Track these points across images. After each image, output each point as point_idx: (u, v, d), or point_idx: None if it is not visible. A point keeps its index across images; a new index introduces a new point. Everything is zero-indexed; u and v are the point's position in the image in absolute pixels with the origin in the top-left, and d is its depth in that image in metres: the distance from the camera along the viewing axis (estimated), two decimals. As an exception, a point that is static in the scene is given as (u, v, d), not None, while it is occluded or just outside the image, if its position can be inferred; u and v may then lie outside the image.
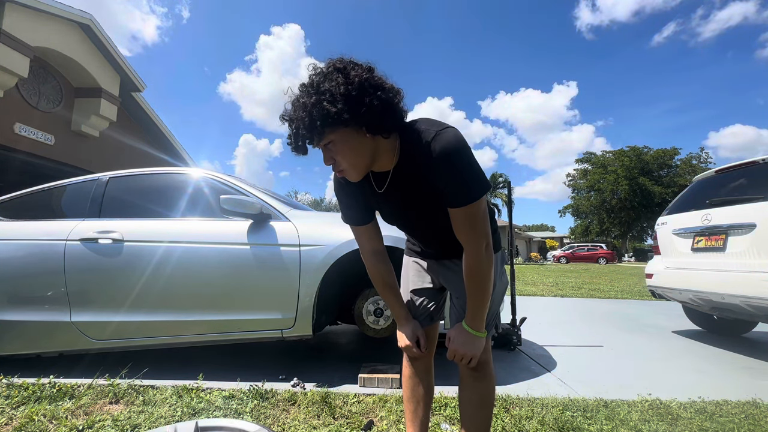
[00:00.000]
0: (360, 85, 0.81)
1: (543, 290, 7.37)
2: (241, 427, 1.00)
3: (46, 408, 1.66)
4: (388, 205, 1.06)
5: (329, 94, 0.80)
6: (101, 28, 8.61)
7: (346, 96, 0.80)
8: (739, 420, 1.71)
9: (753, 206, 2.70)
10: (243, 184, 2.46)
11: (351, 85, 0.80)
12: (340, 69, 0.82)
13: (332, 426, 1.57)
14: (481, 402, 1.10)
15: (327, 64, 0.85)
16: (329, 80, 0.81)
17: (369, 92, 0.81)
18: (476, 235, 0.94)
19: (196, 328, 2.17)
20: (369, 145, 0.89)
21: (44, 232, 2.30)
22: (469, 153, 0.88)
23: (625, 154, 34.59)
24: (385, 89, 0.84)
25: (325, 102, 0.79)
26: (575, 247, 30.56)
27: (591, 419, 1.68)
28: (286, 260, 2.12)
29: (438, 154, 0.86)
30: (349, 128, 0.84)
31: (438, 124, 0.91)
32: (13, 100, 7.53)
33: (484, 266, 0.96)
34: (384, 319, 2.32)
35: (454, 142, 0.87)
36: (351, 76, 0.81)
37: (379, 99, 0.82)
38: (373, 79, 0.83)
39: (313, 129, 0.83)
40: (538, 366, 2.53)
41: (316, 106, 0.80)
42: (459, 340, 1.03)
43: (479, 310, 1.00)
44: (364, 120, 0.82)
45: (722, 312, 3.00)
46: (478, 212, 0.92)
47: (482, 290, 0.98)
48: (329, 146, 0.88)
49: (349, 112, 0.80)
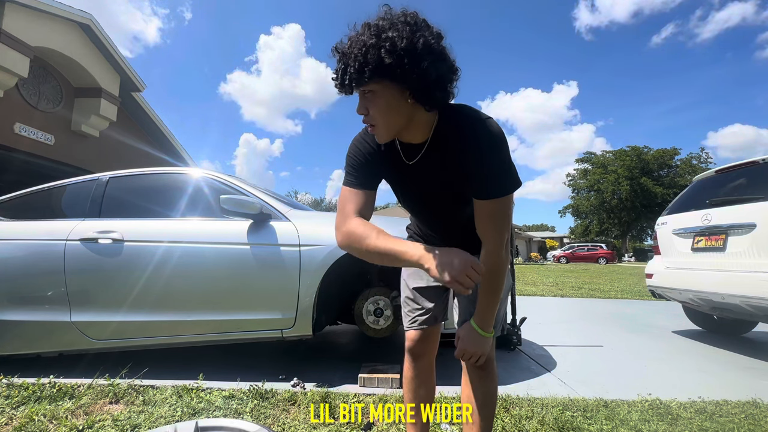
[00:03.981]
0: (423, 46, 0.77)
1: (543, 290, 7.36)
2: (241, 427, 1.00)
3: (46, 408, 1.66)
4: (412, 180, 1.00)
5: (390, 43, 0.76)
6: (101, 28, 8.61)
7: (405, 51, 0.76)
8: (739, 420, 1.71)
9: (753, 206, 2.70)
10: (243, 184, 2.46)
11: (415, 43, 0.76)
12: (410, 24, 0.78)
13: (332, 426, 1.57)
14: (484, 401, 1.10)
15: (401, 12, 0.81)
16: (395, 29, 0.77)
17: (428, 57, 0.77)
18: (499, 230, 0.93)
19: (196, 328, 2.17)
20: (407, 110, 0.85)
21: (44, 232, 2.30)
22: (508, 148, 0.90)
23: (626, 154, 34.59)
24: (445, 61, 0.81)
25: (383, 49, 0.76)
26: (575, 247, 30.58)
27: (591, 419, 1.68)
28: (286, 260, 2.12)
29: (483, 141, 0.86)
30: (395, 84, 0.80)
31: (481, 113, 0.91)
32: (13, 100, 7.52)
33: (502, 264, 0.96)
34: (384, 319, 2.32)
35: (499, 134, 0.87)
36: (417, 34, 0.77)
37: (436, 68, 0.78)
38: (439, 46, 0.80)
39: (362, 72, 0.78)
40: (538, 366, 2.53)
41: (372, 49, 0.76)
42: (468, 339, 1.02)
43: (490, 309, 1.00)
44: (413, 82, 0.79)
45: (722, 312, 3.00)
46: (507, 207, 0.92)
47: (496, 289, 0.98)
48: (368, 95, 0.84)
49: (402, 67, 0.77)
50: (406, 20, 0.79)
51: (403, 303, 1.23)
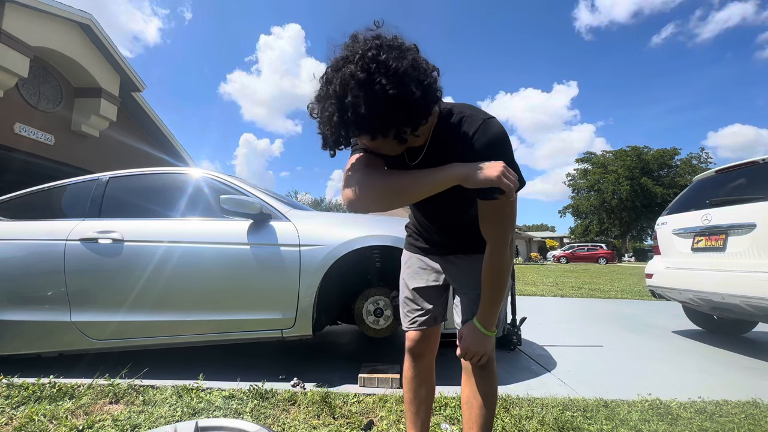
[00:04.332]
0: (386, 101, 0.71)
1: (543, 290, 7.36)
2: (241, 427, 1.00)
3: (46, 408, 1.66)
4: None
5: (352, 112, 0.72)
6: (101, 28, 8.62)
7: (371, 118, 0.72)
8: (739, 420, 1.71)
9: (753, 206, 2.70)
10: (243, 184, 2.46)
11: (379, 102, 0.71)
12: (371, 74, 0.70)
13: (332, 426, 1.57)
14: (484, 402, 1.10)
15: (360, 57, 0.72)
16: (358, 90, 0.71)
17: (398, 105, 0.72)
18: (503, 230, 0.93)
19: (197, 328, 2.17)
20: None
21: (44, 232, 2.30)
22: (511, 147, 0.88)
23: (626, 154, 34.60)
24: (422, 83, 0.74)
25: (351, 124, 0.73)
26: (575, 247, 30.59)
27: (591, 419, 1.68)
28: (286, 260, 2.12)
29: (484, 142, 0.86)
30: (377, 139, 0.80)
31: (483, 112, 0.90)
32: (13, 100, 7.53)
33: (506, 264, 0.96)
34: (384, 319, 2.32)
35: (501, 133, 0.87)
36: (376, 89, 0.70)
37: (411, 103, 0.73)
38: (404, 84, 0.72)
39: (339, 140, 0.79)
40: (538, 366, 2.53)
41: (341, 121, 0.74)
42: (470, 338, 1.02)
43: (493, 308, 1.00)
44: (392, 134, 0.78)
45: (722, 312, 3.00)
46: (510, 207, 0.92)
47: (500, 288, 0.98)
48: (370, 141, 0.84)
49: (375, 131, 0.75)
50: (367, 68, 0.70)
51: (402, 303, 1.22)
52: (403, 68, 0.72)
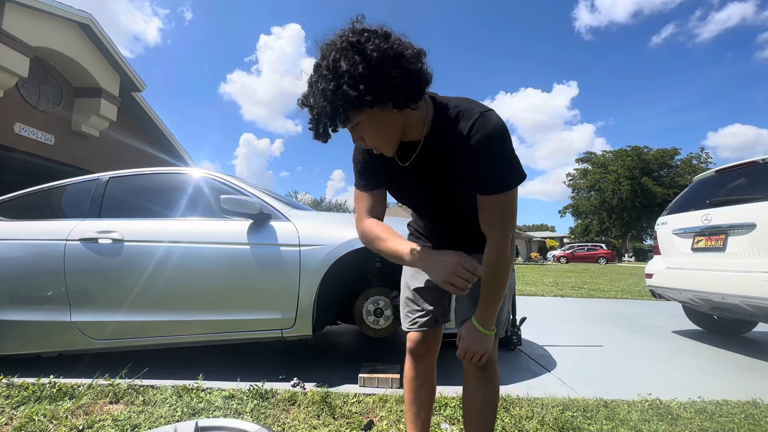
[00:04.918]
0: (379, 60, 0.74)
1: (543, 290, 7.36)
2: (241, 427, 1.00)
3: (46, 408, 1.66)
4: (411, 180, 0.99)
5: (348, 77, 0.73)
6: (101, 28, 8.62)
7: (366, 76, 0.73)
8: (739, 420, 1.71)
9: (753, 206, 2.70)
10: (243, 183, 2.46)
11: (370, 62, 0.73)
12: (355, 44, 0.74)
13: (332, 426, 1.57)
14: (485, 403, 1.09)
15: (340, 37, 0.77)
16: (346, 59, 0.74)
17: (389, 66, 0.75)
18: (504, 226, 0.91)
19: (196, 328, 2.17)
20: (398, 120, 0.84)
21: (44, 232, 2.30)
22: (510, 139, 0.86)
23: (626, 154, 34.62)
24: (406, 57, 0.76)
25: (345, 86, 0.73)
26: (575, 247, 30.59)
27: (591, 419, 1.68)
28: (286, 260, 2.12)
29: (481, 137, 0.83)
30: (375, 108, 0.79)
31: (481, 105, 0.87)
32: (13, 100, 7.53)
33: (507, 260, 0.94)
34: (384, 319, 2.32)
35: (499, 126, 0.84)
36: (368, 51, 0.74)
37: (401, 70, 0.75)
38: (392, 49, 0.76)
39: (336, 116, 0.77)
40: (538, 366, 2.53)
41: (336, 92, 0.74)
42: (469, 337, 1.01)
43: (492, 306, 0.98)
44: (388, 98, 0.77)
45: (722, 312, 3.00)
46: (511, 202, 0.89)
47: (499, 286, 0.96)
48: (356, 127, 0.84)
49: (371, 93, 0.74)
50: (350, 43, 0.75)
51: (403, 304, 1.21)
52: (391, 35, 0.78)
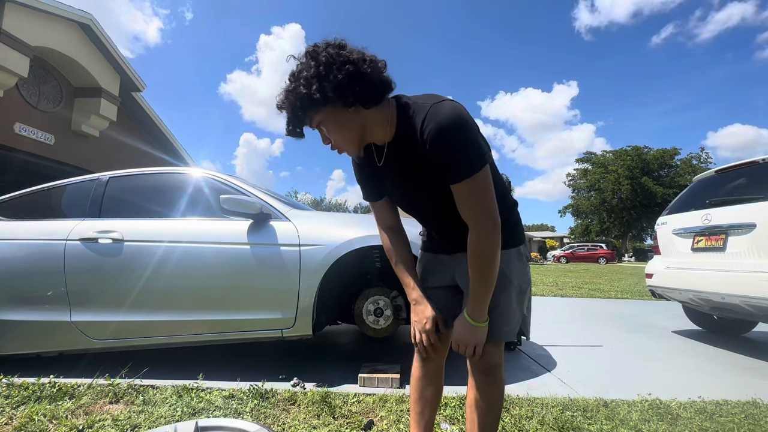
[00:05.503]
0: (327, 63, 0.83)
1: (543, 290, 7.36)
2: (241, 426, 1.00)
3: (46, 408, 1.66)
4: (389, 180, 1.05)
5: (303, 78, 0.85)
6: (101, 28, 8.62)
7: (316, 77, 0.83)
8: (739, 420, 1.71)
9: (753, 206, 2.70)
10: (243, 183, 2.46)
11: (320, 66, 0.84)
12: (311, 52, 0.86)
13: (332, 426, 1.57)
14: (488, 407, 1.06)
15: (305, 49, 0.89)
16: (303, 64, 0.86)
17: (335, 68, 0.83)
18: (479, 212, 0.90)
19: (196, 327, 2.16)
20: (355, 119, 0.90)
21: (44, 231, 2.30)
22: (465, 125, 0.86)
23: (626, 154, 34.59)
24: (352, 61, 0.84)
25: (301, 87, 0.84)
26: (575, 247, 30.58)
27: (591, 419, 1.68)
28: (286, 260, 2.11)
29: (432, 129, 0.86)
30: (328, 107, 0.87)
31: (434, 98, 0.90)
32: (13, 100, 7.53)
33: (490, 249, 0.91)
34: (384, 319, 2.32)
35: (449, 115, 0.86)
36: (320, 57, 0.84)
37: (345, 72, 0.83)
38: (340, 55, 0.84)
39: (297, 114, 0.88)
40: (538, 366, 2.53)
41: (294, 92, 0.86)
42: (460, 329, 1.00)
43: (480, 298, 0.95)
44: (336, 95, 0.84)
45: (722, 312, 3.00)
46: (480, 187, 0.89)
47: (485, 276, 0.93)
48: (321, 127, 0.92)
49: (320, 92, 0.83)
50: (307, 52, 0.87)
51: None
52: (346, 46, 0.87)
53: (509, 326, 1.03)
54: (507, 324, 1.03)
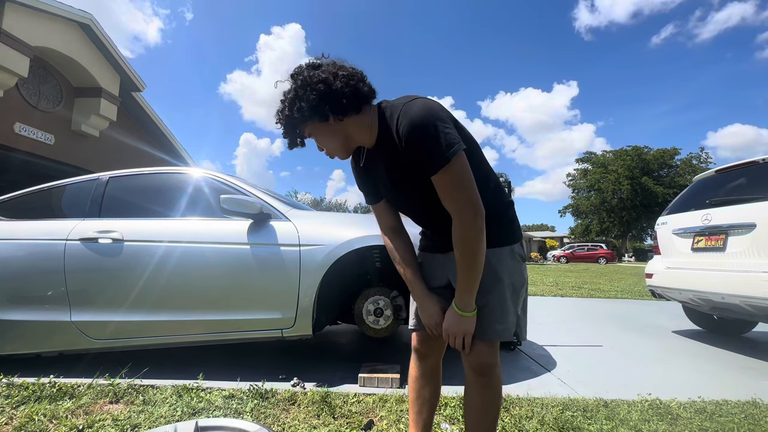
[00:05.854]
0: (302, 86, 0.93)
1: (543, 290, 7.36)
2: (241, 426, 1.00)
3: (46, 407, 1.66)
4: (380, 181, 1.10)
5: (287, 101, 0.96)
6: (101, 28, 8.62)
7: (295, 99, 0.94)
8: (739, 420, 1.71)
9: (753, 206, 2.70)
10: (243, 183, 2.46)
11: (297, 89, 0.94)
12: (293, 75, 0.97)
13: (332, 426, 1.57)
14: (485, 408, 1.06)
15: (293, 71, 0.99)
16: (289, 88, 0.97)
17: (308, 89, 0.93)
18: (459, 201, 0.92)
19: (197, 327, 2.16)
20: (337, 129, 0.98)
21: (44, 231, 2.30)
22: (434, 118, 0.90)
23: (627, 154, 34.57)
24: (323, 80, 0.92)
25: (286, 108, 0.97)
26: (575, 246, 30.57)
27: (591, 419, 1.68)
28: (286, 260, 2.11)
29: (405, 126, 0.91)
30: (309, 122, 0.97)
31: (408, 98, 0.96)
32: (13, 100, 7.53)
33: (472, 233, 0.93)
34: (384, 319, 2.32)
35: (418, 111, 0.90)
36: (297, 79, 0.95)
37: (317, 92, 0.92)
38: (313, 76, 0.93)
39: (288, 130, 1.00)
40: (538, 366, 2.53)
41: (282, 112, 0.98)
42: (448, 319, 1.01)
43: (466, 287, 0.97)
44: (312, 113, 0.94)
45: (722, 312, 3.00)
46: (456, 177, 0.91)
47: (470, 263, 0.94)
48: (312, 137, 1.02)
49: (299, 111, 0.94)
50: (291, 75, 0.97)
51: (412, 302, 1.20)
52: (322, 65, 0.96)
53: (503, 325, 1.03)
54: (501, 322, 1.02)
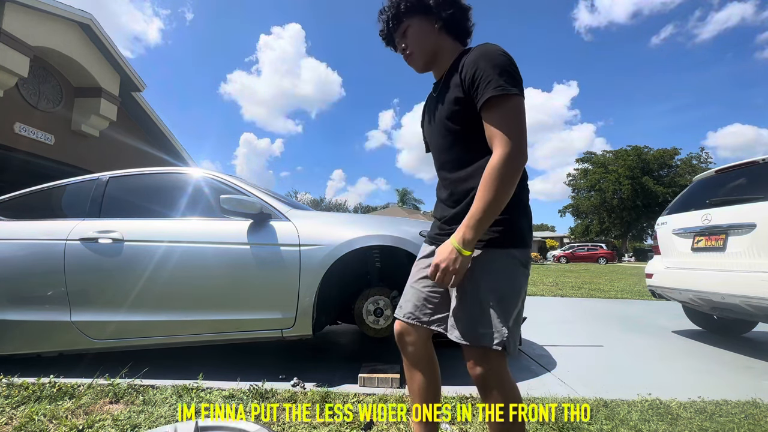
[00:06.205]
0: None
1: (543, 290, 7.36)
2: (241, 427, 1.00)
3: (46, 407, 1.66)
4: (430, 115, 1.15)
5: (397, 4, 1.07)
6: (101, 28, 8.62)
7: None
8: (739, 420, 1.71)
9: (753, 206, 2.70)
10: (243, 183, 2.46)
11: None
12: None
13: (332, 426, 1.57)
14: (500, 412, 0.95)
15: None
16: None
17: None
18: (509, 130, 0.90)
19: (196, 328, 2.17)
20: (435, 37, 1.08)
21: (44, 231, 2.30)
22: (510, 58, 0.95)
23: (627, 154, 34.58)
24: None
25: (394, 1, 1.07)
26: (575, 246, 30.56)
27: (591, 419, 1.67)
28: (286, 260, 2.11)
29: (476, 52, 0.98)
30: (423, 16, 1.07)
31: None
32: (13, 100, 7.53)
33: (504, 172, 0.88)
34: (384, 319, 2.32)
35: (495, 47, 0.97)
36: None
37: None
38: None
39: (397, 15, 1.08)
40: (538, 366, 2.53)
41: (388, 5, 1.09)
42: (440, 252, 0.95)
43: (475, 217, 0.89)
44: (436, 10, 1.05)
45: (722, 312, 3.00)
46: (512, 111, 0.92)
47: (488, 198, 0.88)
48: (406, 32, 1.09)
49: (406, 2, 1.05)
50: None
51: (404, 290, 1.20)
52: None
53: (487, 330, 0.94)
54: (485, 327, 0.94)
